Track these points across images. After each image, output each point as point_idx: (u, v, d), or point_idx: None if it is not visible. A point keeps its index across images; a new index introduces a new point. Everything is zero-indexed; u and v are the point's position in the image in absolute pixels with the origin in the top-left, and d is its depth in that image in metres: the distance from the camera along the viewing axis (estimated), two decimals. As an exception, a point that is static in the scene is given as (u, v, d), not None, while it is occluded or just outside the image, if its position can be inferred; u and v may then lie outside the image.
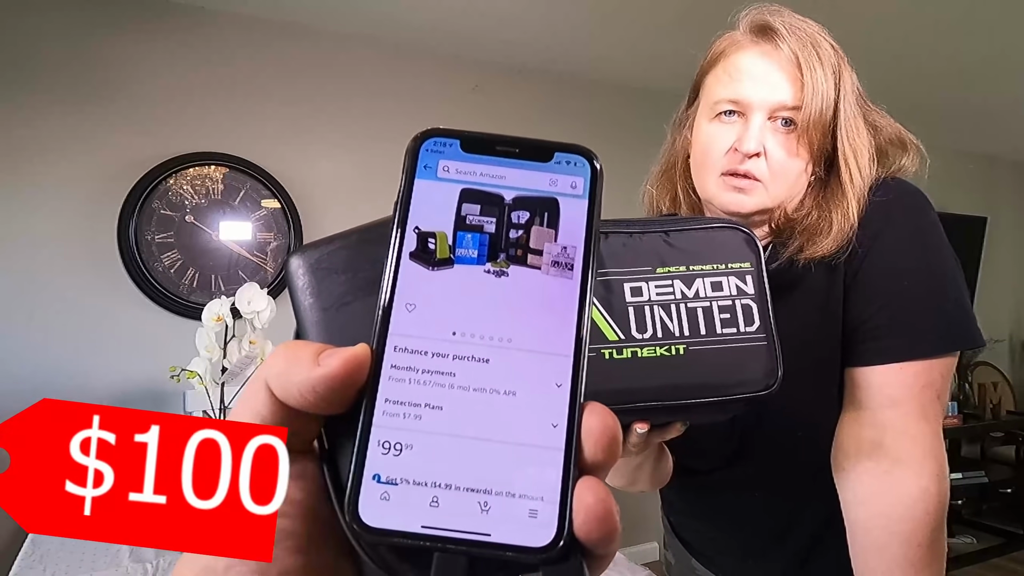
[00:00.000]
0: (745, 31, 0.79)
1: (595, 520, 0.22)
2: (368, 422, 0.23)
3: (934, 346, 0.73)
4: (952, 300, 0.74)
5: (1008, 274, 4.73)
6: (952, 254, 0.76)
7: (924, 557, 0.70)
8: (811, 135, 0.74)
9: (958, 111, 3.54)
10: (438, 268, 0.25)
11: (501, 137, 0.26)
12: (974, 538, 3.71)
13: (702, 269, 0.57)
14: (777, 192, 0.77)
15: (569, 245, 0.25)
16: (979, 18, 2.42)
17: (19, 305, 2.16)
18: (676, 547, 1.01)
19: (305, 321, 0.29)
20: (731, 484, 0.87)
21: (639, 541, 3.28)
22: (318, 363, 0.23)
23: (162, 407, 2.33)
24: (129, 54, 2.30)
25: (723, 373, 0.54)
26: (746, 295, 0.56)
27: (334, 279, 0.29)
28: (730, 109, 0.77)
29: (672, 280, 0.56)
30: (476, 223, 0.25)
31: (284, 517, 0.23)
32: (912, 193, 0.77)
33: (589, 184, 0.26)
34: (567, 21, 2.51)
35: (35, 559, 1.37)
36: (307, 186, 2.56)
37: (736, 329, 0.55)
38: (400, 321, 0.24)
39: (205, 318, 1.35)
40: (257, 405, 0.24)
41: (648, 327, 0.54)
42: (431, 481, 0.23)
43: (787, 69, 0.75)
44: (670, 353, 0.54)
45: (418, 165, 0.26)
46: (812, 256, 0.74)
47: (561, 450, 0.23)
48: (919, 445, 0.71)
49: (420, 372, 0.24)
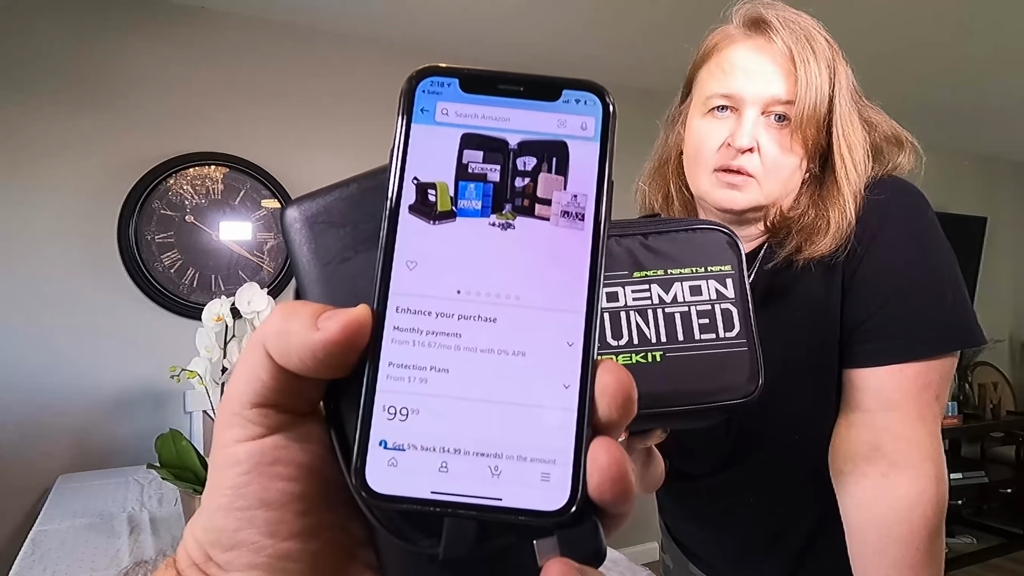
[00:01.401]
0: (738, 25, 0.78)
1: (610, 481, 0.21)
2: (372, 387, 0.22)
3: (932, 346, 0.72)
4: (951, 299, 0.73)
5: (1008, 274, 4.73)
6: (950, 253, 0.75)
7: (922, 560, 0.69)
8: (805, 130, 0.73)
9: (958, 111, 3.54)
10: (440, 222, 0.23)
11: (504, 74, 0.24)
12: (974, 538, 3.71)
13: (681, 273, 0.55)
14: (771, 188, 0.76)
15: (580, 193, 0.23)
16: (979, 17, 2.42)
17: (19, 305, 2.16)
18: (673, 550, 1.00)
19: (304, 278, 0.27)
20: (725, 488, 0.87)
21: (639, 541, 3.28)
22: (317, 326, 0.22)
23: (162, 407, 2.33)
24: (129, 54, 2.30)
25: (701, 380, 0.53)
26: (726, 299, 0.55)
27: (333, 233, 0.27)
28: (723, 104, 0.76)
29: (649, 284, 0.55)
30: (479, 171, 0.23)
31: (291, 481, 0.23)
32: (910, 192, 0.76)
33: (601, 124, 0.24)
34: (567, 21, 2.51)
35: (35, 559, 1.37)
36: (307, 186, 2.53)
37: (715, 335, 0.54)
38: (401, 280, 0.23)
39: (205, 318, 1.35)
40: (256, 369, 0.23)
41: (624, 334, 0.53)
42: (439, 446, 0.22)
43: (780, 63, 0.74)
44: (646, 360, 0.53)
45: (414, 108, 0.24)
46: (811, 256, 0.73)
47: (574, 411, 0.22)
48: (917, 448, 0.70)
49: (424, 333, 0.23)
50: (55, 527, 1.56)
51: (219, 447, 0.23)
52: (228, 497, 0.23)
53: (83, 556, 1.39)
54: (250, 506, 0.22)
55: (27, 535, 1.52)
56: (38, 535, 1.51)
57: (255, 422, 0.23)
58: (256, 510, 0.22)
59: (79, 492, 1.84)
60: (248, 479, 0.23)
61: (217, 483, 0.23)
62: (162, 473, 1.30)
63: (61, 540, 1.48)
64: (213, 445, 0.24)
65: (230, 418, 0.23)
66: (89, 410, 2.25)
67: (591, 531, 0.22)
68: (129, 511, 1.67)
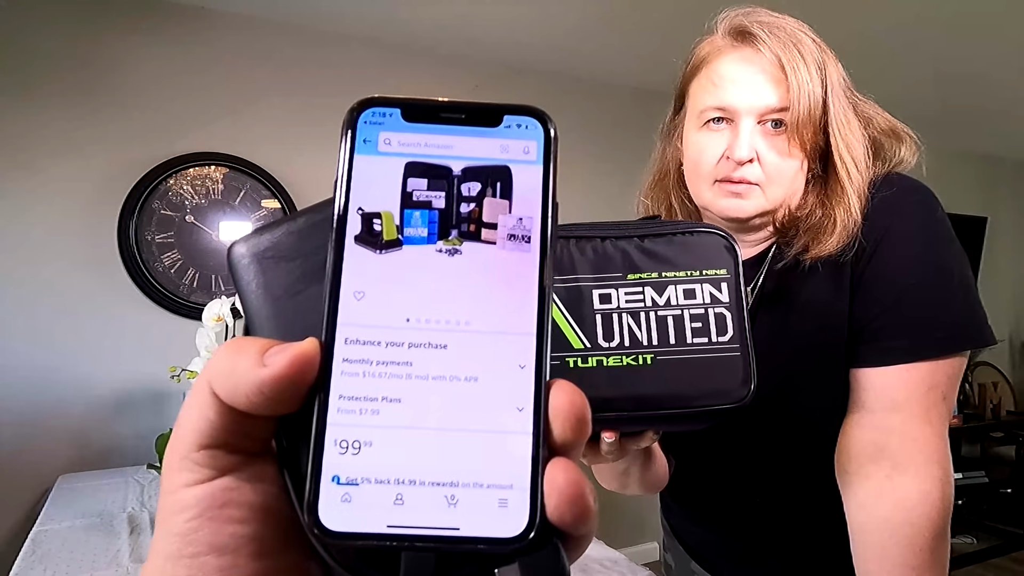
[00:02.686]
0: (724, 35, 0.78)
1: (568, 502, 0.21)
2: (323, 421, 0.22)
3: (940, 347, 0.71)
4: (960, 299, 0.72)
5: (1008, 274, 4.73)
6: (960, 252, 0.74)
7: (926, 561, 0.69)
8: (802, 134, 0.73)
9: (958, 111, 3.54)
10: (386, 251, 0.23)
11: (445, 103, 0.24)
12: (974, 538, 3.71)
13: (675, 276, 0.55)
14: (775, 194, 0.76)
15: (525, 216, 0.24)
16: (980, 18, 2.42)
17: (19, 304, 2.16)
18: (675, 549, 1.00)
19: (254, 315, 0.27)
20: (734, 489, 0.86)
21: (639, 541, 3.28)
22: (263, 362, 0.21)
23: (162, 407, 2.33)
24: (129, 54, 2.30)
25: (691, 384, 0.52)
26: (720, 303, 0.55)
27: (283, 267, 0.27)
28: (718, 116, 0.77)
29: (643, 287, 0.55)
30: (424, 199, 0.24)
31: (244, 523, 0.22)
32: (919, 189, 0.76)
33: (543, 147, 0.24)
34: (567, 21, 2.51)
35: (35, 559, 1.37)
36: (307, 186, 2.56)
37: (707, 339, 0.53)
38: (349, 310, 0.23)
39: (205, 318, 1.35)
40: (203, 409, 0.22)
41: (615, 335, 0.53)
42: (394, 478, 0.21)
43: (770, 71, 0.74)
44: (637, 363, 0.53)
45: (357, 139, 0.24)
46: (818, 255, 0.73)
47: (529, 434, 0.22)
48: (922, 449, 0.70)
49: (375, 364, 0.22)
50: (55, 527, 1.56)
51: (166, 493, 0.22)
52: (177, 544, 0.22)
53: (83, 556, 1.39)
54: (200, 552, 0.22)
55: (27, 535, 1.52)
56: (38, 535, 1.51)
57: (204, 464, 0.22)
58: (207, 556, 0.22)
59: (79, 492, 1.84)
60: (198, 524, 0.22)
61: (165, 530, 0.22)
62: (162, 473, 1.30)
63: (61, 540, 1.48)
64: (161, 491, 0.23)
65: (179, 462, 0.22)
66: (89, 410, 2.25)
67: (553, 555, 0.22)
68: (129, 511, 1.68)
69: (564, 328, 0.53)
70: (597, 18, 2.48)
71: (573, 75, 3.09)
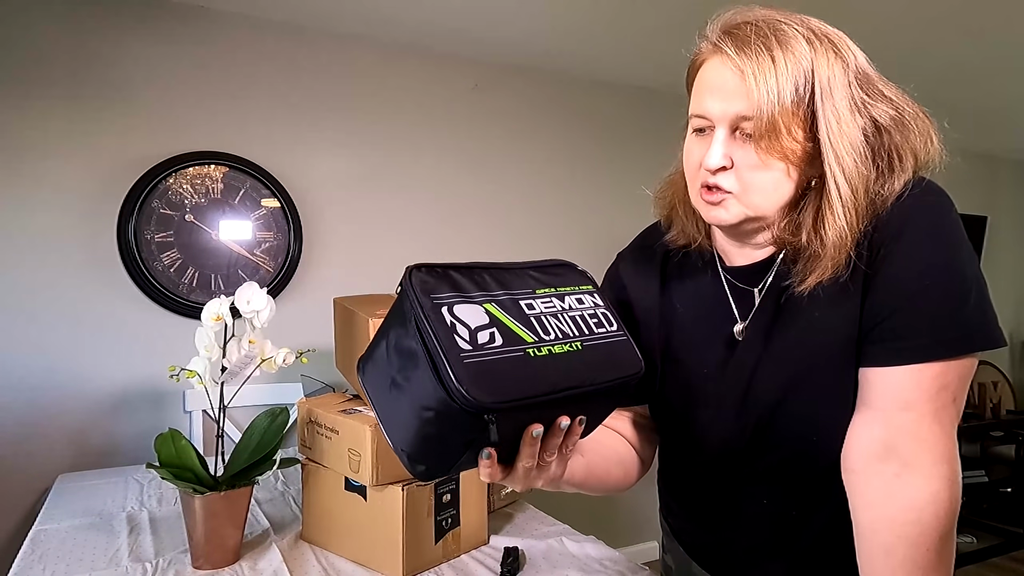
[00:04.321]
0: (712, 38, 0.76)
1: None
2: None
3: (950, 348, 0.70)
4: (971, 301, 0.71)
5: (1008, 274, 4.73)
6: (972, 254, 0.74)
7: (932, 561, 0.69)
8: (771, 142, 0.71)
9: (959, 111, 3.54)
10: None
11: None
12: (974, 538, 3.71)
13: (566, 289, 0.73)
14: (756, 202, 0.75)
15: None
16: (979, 18, 2.42)
17: (18, 304, 2.16)
18: (675, 550, 1.00)
19: None
20: (740, 490, 0.86)
21: (639, 541, 3.28)
22: None
23: (161, 406, 2.33)
24: (129, 54, 2.30)
25: (610, 361, 0.69)
26: (600, 307, 0.74)
27: None
28: (700, 125, 0.77)
29: (551, 297, 0.71)
30: None
31: None
32: (933, 191, 0.75)
33: None
34: (567, 21, 2.51)
35: (35, 559, 1.37)
36: (307, 186, 2.56)
37: (605, 329, 0.71)
38: None
39: (204, 317, 1.35)
40: None
41: (550, 331, 0.67)
42: None
43: (741, 77, 0.71)
44: (572, 349, 0.66)
45: None
46: (815, 284, 0.74)
47: None
48: (931, 449, 0.69)
49: None
50: (55, 526, 1.56)
51: None
52: None
53: (83, 556, 1.39)
54: None
55: (27, 534, 1.52)
56: (38, 534, 1.51)
57: None
58: None
59: (79, 492, 1.84)
60: None
61: None
62: (161, 473, 1.29)
63: (61, 539, 1.48)
64: None
65: None
66: (89, 409, 2.25)
67: None
68: (129, 511, 1.67)
69: (513, 327, 0.64)
70: (597, 18, 2.48)
71: (573, 75, 3.08)
